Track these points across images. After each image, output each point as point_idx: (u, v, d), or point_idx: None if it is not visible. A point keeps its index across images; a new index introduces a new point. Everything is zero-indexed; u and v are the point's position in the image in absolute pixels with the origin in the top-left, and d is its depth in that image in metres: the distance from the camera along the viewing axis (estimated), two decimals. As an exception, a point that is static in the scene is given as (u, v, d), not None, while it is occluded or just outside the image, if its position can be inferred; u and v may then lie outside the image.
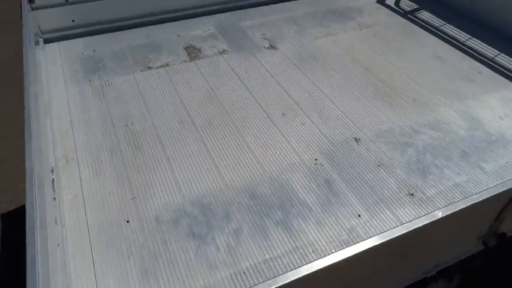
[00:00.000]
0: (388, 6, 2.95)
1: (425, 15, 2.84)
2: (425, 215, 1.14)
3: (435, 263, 1.48)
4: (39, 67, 2.13)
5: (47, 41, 2.44)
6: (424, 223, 1.11)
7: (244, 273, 1.27)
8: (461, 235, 1.39)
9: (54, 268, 1.18)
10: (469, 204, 1.17)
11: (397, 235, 1.08)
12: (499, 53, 2.43)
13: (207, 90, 2.10)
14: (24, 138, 1.38)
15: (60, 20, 2.44)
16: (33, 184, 1.22)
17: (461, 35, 2.61)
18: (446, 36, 2.59)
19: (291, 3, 2.96)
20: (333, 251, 1.31)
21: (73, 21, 2.47)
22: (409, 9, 2.92)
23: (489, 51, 2.45)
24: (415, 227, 1.10)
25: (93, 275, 1.27)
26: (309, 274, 1.03)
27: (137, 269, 1.29)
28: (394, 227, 1.14)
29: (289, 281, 1.00)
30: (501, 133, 1.85)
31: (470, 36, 2.59)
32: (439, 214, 1.14)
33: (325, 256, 1.08)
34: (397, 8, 2.92)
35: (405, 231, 1.09)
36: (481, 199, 1.18)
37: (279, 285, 0.99)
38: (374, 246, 1.06)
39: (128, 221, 1.45)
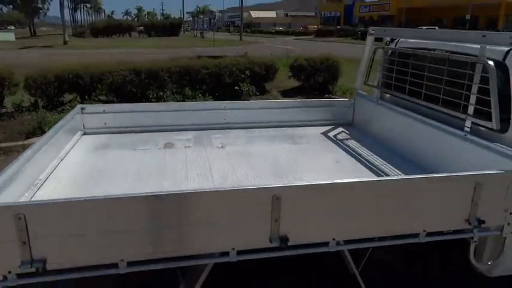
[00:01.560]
0: (328, 137, 3.92)
1: (352, 142, 3.73)
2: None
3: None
4: (69, 144, 3.41)
5: (85, 134, 3.81)
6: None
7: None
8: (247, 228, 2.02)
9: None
10: (214, 190, 1.93)
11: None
12: (385, 163, 3.17)
13: (160, 161, 3.15)
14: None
15: (97, 122, 3.84)
16: (18, 161, 2.30)
17: (366, 152, 3.42)
18: (353, 152, 3.43)
19: (261, 129, 4.09)
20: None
21: (105, 123, 3.85)
22: (342, 138, 3.85)
23: (377, 160, 3.21)
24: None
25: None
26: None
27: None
28: None
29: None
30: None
31: (372, 153, 3.38)
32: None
33: None
34: (333, 138, 3.87)
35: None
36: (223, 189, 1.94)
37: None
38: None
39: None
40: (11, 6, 60.73)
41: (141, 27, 68.15)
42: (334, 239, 2.16)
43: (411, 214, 2.21)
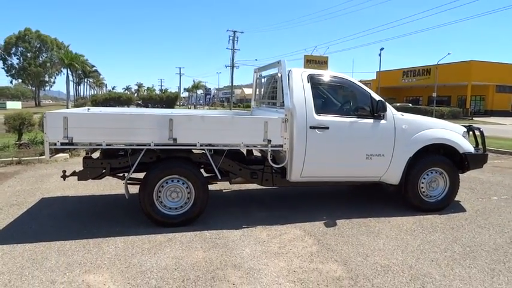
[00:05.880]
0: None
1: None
2: None
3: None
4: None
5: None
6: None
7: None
8: (160, 132, 4.69)
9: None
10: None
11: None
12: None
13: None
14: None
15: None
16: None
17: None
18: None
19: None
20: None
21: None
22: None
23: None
24: None
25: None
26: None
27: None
28: None
29: None
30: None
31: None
32: None
33: None
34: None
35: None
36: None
37: None
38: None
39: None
40: (20, 80, 65.91)
41: (139, 101, 73.20)
42: (199, 142, 4.82)
43: (236, 134, 4.89)
